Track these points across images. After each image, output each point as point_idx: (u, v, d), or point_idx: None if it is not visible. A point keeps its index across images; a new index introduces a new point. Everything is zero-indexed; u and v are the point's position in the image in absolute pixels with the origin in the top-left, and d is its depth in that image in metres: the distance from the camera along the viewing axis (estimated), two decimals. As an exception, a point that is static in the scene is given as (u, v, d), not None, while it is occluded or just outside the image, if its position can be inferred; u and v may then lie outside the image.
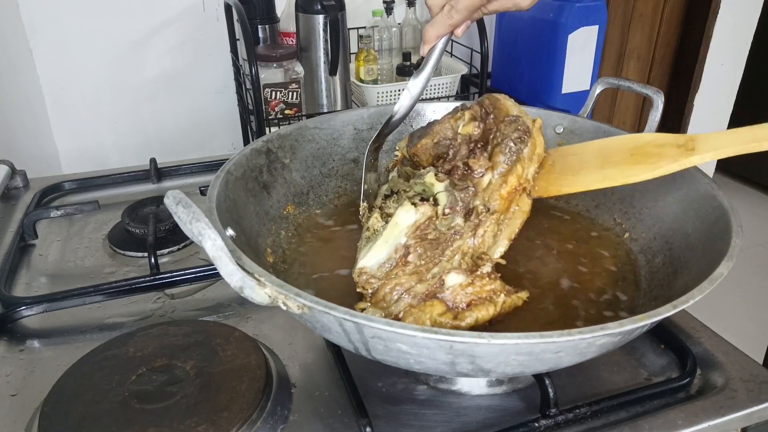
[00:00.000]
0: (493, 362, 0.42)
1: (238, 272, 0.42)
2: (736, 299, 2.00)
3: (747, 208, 2.56)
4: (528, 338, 0.38)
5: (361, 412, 0.50)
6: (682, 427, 0.51)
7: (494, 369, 0.43)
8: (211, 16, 1.28)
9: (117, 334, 0.60)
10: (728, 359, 0.58)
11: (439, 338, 0.38)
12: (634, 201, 0.66)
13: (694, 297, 0.42)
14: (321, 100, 1.16)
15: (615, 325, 0.40)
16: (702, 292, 0.42)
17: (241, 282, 0.42)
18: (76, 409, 0.50)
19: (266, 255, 0.60)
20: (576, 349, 0.42)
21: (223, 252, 0.41)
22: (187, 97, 1.33)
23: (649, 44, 2.03)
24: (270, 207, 0.65)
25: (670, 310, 0.41)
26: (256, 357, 0.55)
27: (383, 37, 1.29)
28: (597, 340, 0.41)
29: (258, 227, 0.61)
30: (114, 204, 0.89)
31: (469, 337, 0.38)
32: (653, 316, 0.40)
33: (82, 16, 1.19)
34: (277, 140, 0.69)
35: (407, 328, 0.39)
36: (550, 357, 0.42)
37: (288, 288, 0.42)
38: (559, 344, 0.40)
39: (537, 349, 0.41)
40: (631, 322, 0.40)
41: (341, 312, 0.40)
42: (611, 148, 0.61)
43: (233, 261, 0.42)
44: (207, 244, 0.41)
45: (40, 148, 1.23)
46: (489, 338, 0.38)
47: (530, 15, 1.29)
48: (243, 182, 0.62)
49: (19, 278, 0.73)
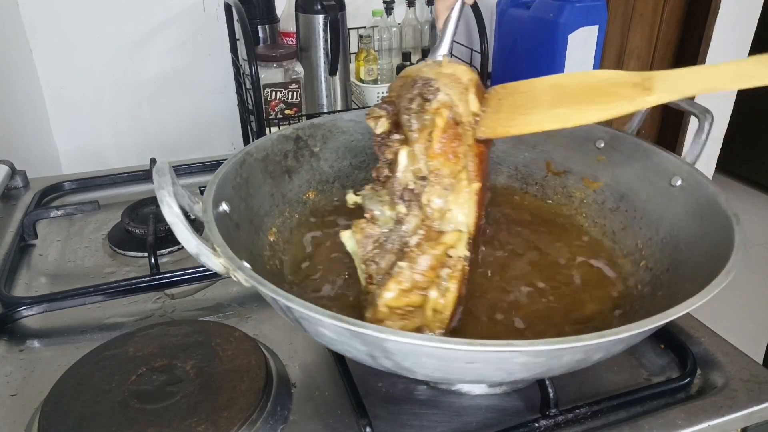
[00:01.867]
0: (409, 361, 0.41)
1: (193, 240, 0.46)
2: (736, 299, 2.00)
3: (747, 208, 2.56)
4: (431, 341, 0.38)
5: (361, 412, 0.50)
6: (682, 427, 0.51)
7: (413, 369, 0.42)
8: (211, 16, 1.28)
9: (117, 334, 0.60)
10: (728, 359, 0.58)
11: (344, 326, 0.39)
12: (661, 227, 0.62)
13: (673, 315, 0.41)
14: (321, 100, 1.16)
15: (524, 343, 0.38)
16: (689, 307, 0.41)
17: (197, 249, 0.46)
18: (76, 409, 0.50)
19: (269, 233, 0.63)
20: (491, 362, 0.41)
21: (179, 219, 0.46)
22: (187, 97, 1.33)
23: (649, 44, 2.03)
24: (289, 191, 0.68)
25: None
26: (256, 357, 0.55)
27: (383, 37, 1.29)
28: (515, 356, 0.40)
29: (269, 207, 0.65)
30: (114, 204, 0.89)
31: (372, 330, 0.38)
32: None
33: (82, 16, 1.19)
34: (309, 129, 0.70)
35: (317, 312, 0.39)
36: (461, 366, 0.41)
37: (234, 261, 0.45)
38: (469, 353, 0.39)
39: (447, 355, 0.39)
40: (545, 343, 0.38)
41: (269, 289, 0.42)
42: (563, 86, 0.56)
43: (189, 229, 0.46)
44: (165, 209, 0.46)
45: (40, 148, 1.23)
46: (391, 334, 0.38)
47: (530, 15, 1.29)
48: (263, 164, 0.65)
49: (19, 278, 0.73)
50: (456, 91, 0.55)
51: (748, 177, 2.72)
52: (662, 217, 0.61)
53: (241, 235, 0.58)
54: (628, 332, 0.39)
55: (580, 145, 0.71)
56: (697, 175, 0.59)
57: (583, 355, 0.42)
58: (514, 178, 0.77)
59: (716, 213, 0.54)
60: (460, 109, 0.55)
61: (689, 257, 0.55)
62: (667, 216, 0.61)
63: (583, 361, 0.44)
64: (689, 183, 0.60)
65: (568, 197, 0.72)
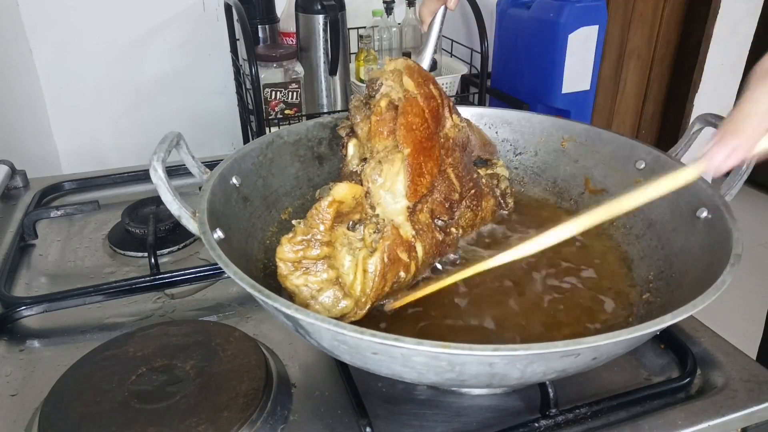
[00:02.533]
0: (326, 342, 0.43)
1: (175, 202, 0.51)
2: (736, 299, 2.00)
3: (747, 208, 2.56)
4: (336, 326, 0.39)
5: (361, 412, 0.50)
6: (682, 427, 0.51)
7: (332, 350, 0.44)
8: (211, 16, 1.28)
9: (117, 334, 0.60)
10: (728, 359, 0.58)
11: (259, 296, 0.41)
12: (676, 261, 0.58)
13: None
14: (321, 100, 1.16)
15: (412, 341, 0.38)
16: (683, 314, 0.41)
17: (179, 211, 0.52)
18: (76, 409, 0.50)
19: (283, 212, 0.67)
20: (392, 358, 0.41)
21: (162, 182, 0.51)
22: (187, 97, 1.33)
23: (649, 44, 2.03)
24: (317, 175, 0.71)
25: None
26: (256, 357, 0.55)
27: (383, 37, 1.29)
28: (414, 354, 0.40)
29: (290, 188, 0.69)
30: (114, 204, 0.89)
31: (281, 304, 0.41)
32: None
33: (82, 16, 1.19)
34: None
35: (254, 288, 0.42)
36: (369, 356, 0.42)
37: (204, 226, 0.49)
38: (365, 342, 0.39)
39: (351, 341, 0.41)
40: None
41: (223, 262, 0.45)
42: None
43: (171, 191, 0.51)
44: (151, 172, 0.51)
45: (40, 148, 1.23)
46: (306, 314, 0.40)
47: (530, 15, 1.29)
48: (293, 147, 0.68)
49: (19, 278, 0.73)
50: (394, 81, 0.59)
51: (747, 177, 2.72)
52: (680, 251, 0.58)
53: (246, 208, 0.61)
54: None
55: (622, 164, 0.70)
56: (724, 210, 0.54)
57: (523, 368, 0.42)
58: (550, 191, 0.77)
59: (723, 253, 0.50)
60: (395, 93, 0.59)
61: (685, 296, 0.49)
62: (685, 250, 0.58)
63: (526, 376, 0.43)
64: (714, 217, 0.55)
65: None
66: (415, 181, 0.56)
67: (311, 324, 0.40)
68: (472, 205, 0.66)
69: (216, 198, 0.56)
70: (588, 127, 0.74)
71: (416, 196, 0.56)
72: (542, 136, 0.77)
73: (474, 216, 0.67)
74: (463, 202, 0.65)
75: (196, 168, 0.61)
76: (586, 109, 1.32)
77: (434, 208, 0.60)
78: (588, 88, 1.29)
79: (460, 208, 0.64)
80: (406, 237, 0.55)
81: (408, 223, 0.56)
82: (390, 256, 0.52)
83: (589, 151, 0.73)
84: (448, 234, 0.61)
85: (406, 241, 0.55)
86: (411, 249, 0.55)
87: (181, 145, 0.59)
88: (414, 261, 0.55)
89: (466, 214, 0.66)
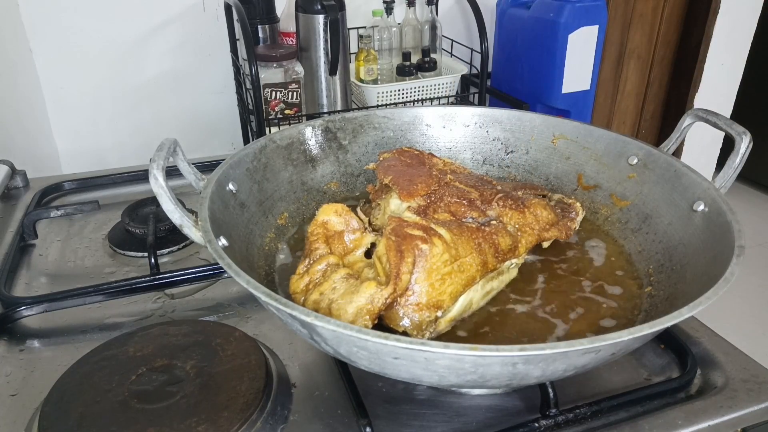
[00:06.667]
0: (343, 348, 0.43)
1: (177, 211, 0.51)
2: (736, 299, 2.00)
3: (747, 208, 2.57)
4: (345, 328, 0.39)
5: (361, 412, 0.50)
6: (682, 427, 0.51)
7: (349, 357, 0.44)
8: (211, 16, 1.27)
9: (117, 334, 0.60)
10: (728, 359, 0.58)
11: (278, 306, 0.41)
12: (675, 254, 0.59)
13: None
14: (321, 100, 1.16)
15: (405, 340, 0.38)
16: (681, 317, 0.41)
17: (180, 220, 0.51)
18: (76, 409, 0.50)
19: (279, 217, 0.67)
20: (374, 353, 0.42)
21: (163, 191, 0.50)
22: (187, 97, 1.33)
23: (649, 44, 2.03)
24: (310, 179, 0.71)
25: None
26: (256, 357, 0.55)
27: (383, 37, 1.29)
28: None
29: (285, 192, 0.69)
30: (114, 204, 0.89)
31: (299, 312, 0.40)
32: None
33: (82, 16, 1.19)
34: (340, 122, 0.72)
35: (249, 284, 0.43)
36: (357, 352, 0.42)
37: (209, 234, 0.48)
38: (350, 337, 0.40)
39: (373, 347, 0.40)
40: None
41: (234, 271, 0.45)
42: None
43: (172, 200, 0.50)
44: (151, 181, 0.50)
45: (40, 148, 1.23)
46: (327, 321, 0.39)
47: (530, 15, 1.29)
48: (286, 151, 0.68)
49: (19, 278, 0.73)
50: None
51: (748, 177, 2.72)
52: (679, 243, 0.59)
53: (244, 215, 0.61)
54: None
55: (614, 160, 0.70)
56: (721, 203, 0.55)
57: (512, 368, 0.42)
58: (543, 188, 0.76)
59: (725, 245, 0.50)
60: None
61: (690, 289, 0.51)
62: (684, 243, 0.58)
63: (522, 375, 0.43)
64: (711, 210, 0.56)
65: (594, 213, 0.71)
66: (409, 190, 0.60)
67: (332, 331, 0.40)
68: (511, 205, 0.63)
69: (215, 205, 0.55)
70: (578, 124, 0.74)
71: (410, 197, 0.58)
72: (533, 134, 0.77)
73: (521, 215, 0.62)
74: (494, 203, 0.63)
75: (192, 175, 0.60)
76: (586, 109, 1.32)
77: (453, 209, 0.60)
78: (588, 88, 1.29)
79: (492, 206, 0.62)
80: (412, 220, 0.55)
81: (409, 212, 0.58)
82: (396, 232, 0.52)
83: (581, 147, 0.74)
84: (489, 225, 0.59)
85: (413, 222, 0.54)
86: (426, 229, 0.53)
87: (177, 152, 0.58)
88: (437, 237, 0.53)
89: (508, 213, 0.62)
